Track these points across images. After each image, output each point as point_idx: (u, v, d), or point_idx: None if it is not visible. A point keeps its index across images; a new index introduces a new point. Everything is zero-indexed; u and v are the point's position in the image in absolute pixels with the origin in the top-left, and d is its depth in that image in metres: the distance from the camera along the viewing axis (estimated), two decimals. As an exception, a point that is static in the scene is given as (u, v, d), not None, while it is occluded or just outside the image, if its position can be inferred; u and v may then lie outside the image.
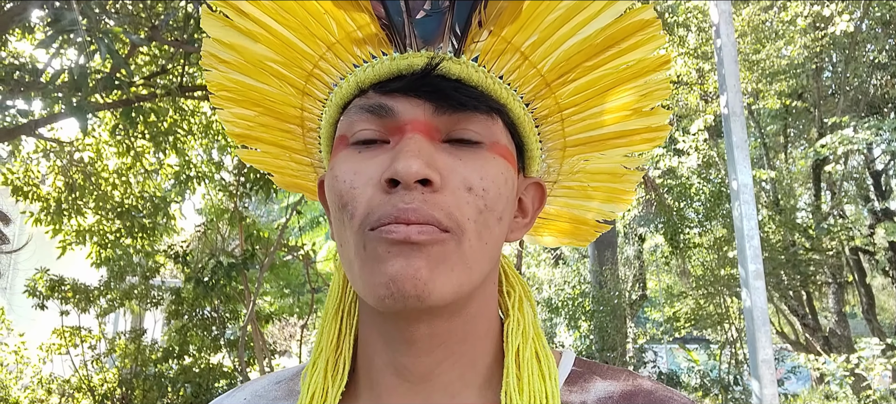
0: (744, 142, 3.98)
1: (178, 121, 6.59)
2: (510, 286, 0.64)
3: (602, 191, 0.71)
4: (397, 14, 0.56)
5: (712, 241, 8.81)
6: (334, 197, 0.55)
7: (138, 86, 5.76)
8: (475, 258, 0.53)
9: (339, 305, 0.64)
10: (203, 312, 7.80)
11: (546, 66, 0.59)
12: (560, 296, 9.36)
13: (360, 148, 0.56)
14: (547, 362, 0.59)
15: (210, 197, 7.82)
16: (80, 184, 6.70)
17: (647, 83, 0.62)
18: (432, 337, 0.56)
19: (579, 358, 0.64)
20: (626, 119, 0.64)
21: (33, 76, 4.99)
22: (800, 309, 10.05)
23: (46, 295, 7.16)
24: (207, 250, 7.67)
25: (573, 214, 0.74)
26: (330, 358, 0.61)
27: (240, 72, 0.64)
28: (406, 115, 0.54)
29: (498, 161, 0.56)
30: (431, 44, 0.57)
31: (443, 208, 0.51)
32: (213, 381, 7.52)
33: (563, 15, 0.57)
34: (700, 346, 11.87)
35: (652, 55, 0.61)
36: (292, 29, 0.59)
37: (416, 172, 0.50)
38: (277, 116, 0.66)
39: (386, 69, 0.56)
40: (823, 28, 8.03)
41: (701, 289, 9.13)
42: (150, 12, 4.98)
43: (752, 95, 8.93)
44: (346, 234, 0.54)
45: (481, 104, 0.55)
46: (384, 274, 0.50)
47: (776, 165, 10.38)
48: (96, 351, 7.77)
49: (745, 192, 3.92)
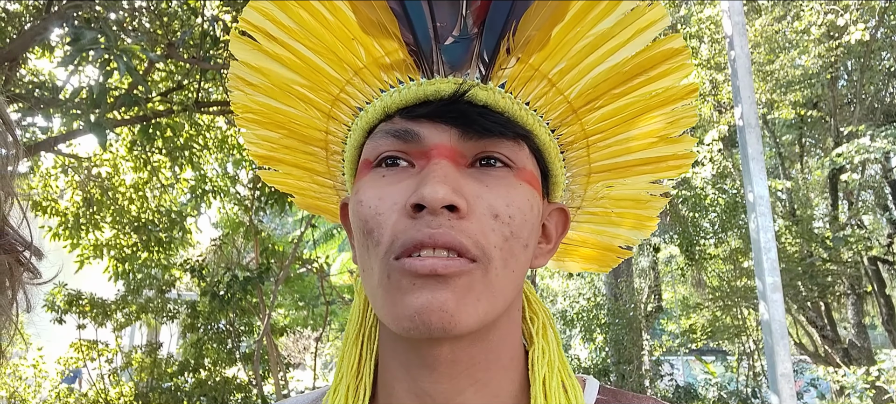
0: (759, 153, 3.95)
1: (194, 136, 6.65)
2: (533, 312, 0.64)
3: (626, 217, 0.70)
4: (426, 40, 0.56)
5: (728, 253, 8.73)
6: (359, 222, 0.55)
7: (155, 102, 5.83)
8: (501, 286, 0.53)
9: (359, 329, 0.64)
10: (218, 325, 7.84)
11: (573, 93, 0.59)
12: (575, 309, 9.31)
13: (384, 172, 0.55)
14: (574, 391, 0.58)
15: (225, 211, 7.88)
16: (98, 198, 6.78)
17: (675, 111, 0.62)
18: (455, 363, 0.55)
19: (603, 387, 0.64)
20: (652, 146, 0.64)
21: (53, 93, 5.07)
22: (818, 321, 9.92)
23: (64, 309, 7.24)
24: (223, 263, 7.73)
25: (597, 240, 0.73)
26: (351, 384, 0.61)
27: (266, 95, 0.64)
28: (432, 140, 0.54)
29: (524, 187, 0.55)
30: (459, 70, 0.57)
31: (469, 235, 0.51)
32: (229, 395, 7.54)
33: (591, 43, 0.57)
34: (717, 358, 11.75)
35: (679, 84, 0.60)
36: (320, 54, 0.60)
37: (442, 198, 0.49)
38: (302, 139, 0.67)
39: (413, 94, 0.56)
40: (838, 37, 7.97)
41: (717, 300, 9.04)
42: (166, 30, 5.04)
43: (767, 105, 8.87)
44: (371, 262, 0.54)
45: (508, 130, 0.55)
46: (410, 306, 0.50)
47: (792, 175, 10.29)
48: (113, 365, 7.83)
49: (761, 204, 3.89)
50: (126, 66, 3.44)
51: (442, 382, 0.56)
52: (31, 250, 0.56)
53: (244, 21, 0.61)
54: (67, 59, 3.81)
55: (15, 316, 0.55)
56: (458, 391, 0.56)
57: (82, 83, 5.20)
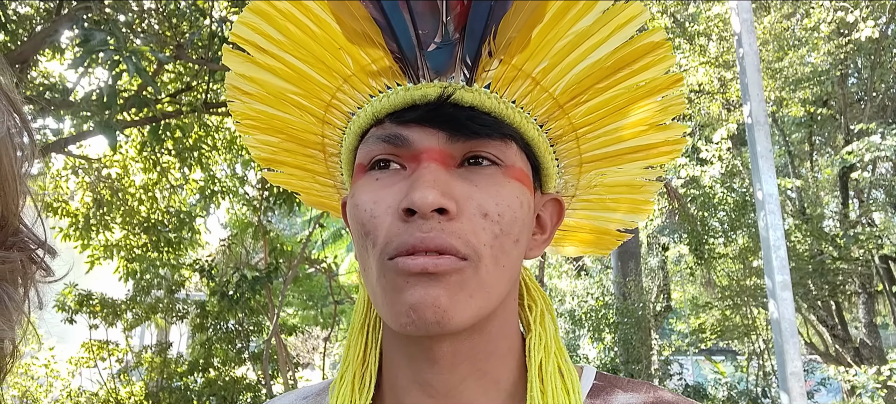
0: (768, 151, 3.94)
1: (203, 136, 6.70)
2: (532, 300, 0.65)
3: (622, 203, 0.72)
4: (409, 48, 0.57)
5: (737, 251, 8.69)
6: (356, 225, 0.57)
7: (164, 103, 5.87)
8: (492, 282, 0.55)
9: (364, 320, 0.66)
10: (227, 325, 7.89)
11: (558, 89, 0.60)
12: (583, 308, 9.29)
13: (377, 175, 0.57)
14: (570, 376, 0.60)
15: (234, 211, 7.93)
16: (108, 199, 6.84)
17: (664, 99, 0.63)
18: (455, 355, 0.57)
19: (600, 373, 0.65)
20: (643, 133, 0.65)
21: (63, 95, 5.11)
22: (829, 320, 9.86)
23: (75, 309, 7.30)
24: (232, 263, 7.76)
25: (593, 225, 0.75)
26: (357, 373, 0.63)
27: (262, 102, 0.66)
28: (421, 144, 0.56)
29: (513, 185, 0.57)
30: (444, 74, 0.58)
31: (459, 236, 0.53)
32: (238, 395, 7.57)
33: (571, 41, 0.58)
34: (727, 358, 11.68)
35: (664, 74, 0.61)
36: (309, 64, 0.62)
37: (432, 202, 0.51)
38: (300, 142, 0.69)
39: (400, 99, 0.57)
40: (848, 34, 7.91)
41: (727, 299, 9.00)
42: (175, 31, 5.08)
43: (776, 103, 8.82)
44: (369, 261, 0.56)
45: (495, 131, 0.57)
46: (404, 303, 0.52)
47: (802, 173, 10.23)
48: (123, 365, 7.88)
49: (770, 202, 3.87)
50: (135, 67, 3.47)
51: (443, 373, 0.58)
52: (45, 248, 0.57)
53: (235, 35, 0.63)
54: (77, 61, 3.85)
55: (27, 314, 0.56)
56: (459, 380, 0.58)
57: (92, 85, 5.24)
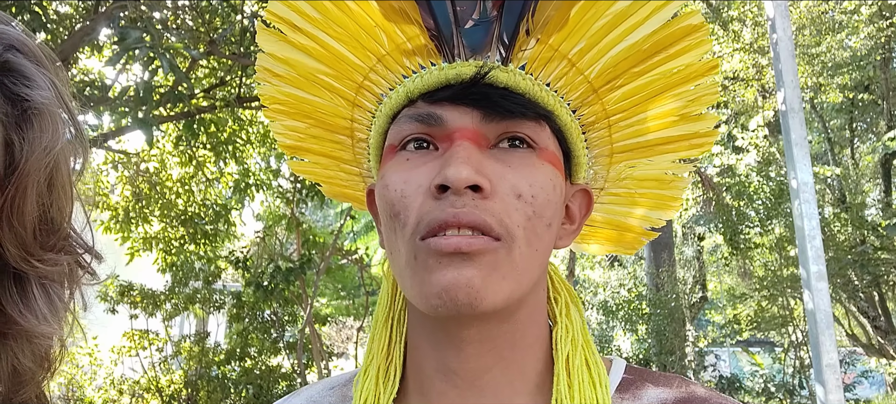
0: (803, 139, 3.85)
1: (237, 131, 6.81)
2: (556, 292, 0.64)
3: (649, 198, 0.70)
4: (446, 25, 0.57)
5: (774, 241, 8.51)
6: (385, 205, 0.56)
7: (199, 98, 5.98)
8: (525, 265, 0.54)
9: (388, 313, 0.65)
10: (263, 315, 8.03)
11: (593, 72, 0.60)
12: (616, 299, 9.21)
13: (408, 155, 0.57)
14: (597, 369, 0.59)
15: (268, 203, 8.06)
16: (147, 193, 7.01)
17: (696, 88, 0.62)
18: (482, 342, 0.56)
19: (630, 366, 0.64)
20: (674, 124, 0.64)
21: (102, 92, 5.25)
22: (871, 311, 9.60)
23: (117, 299, 7.51)
24: (266, 255, 7.90)
25: (619, 222, 0.74)
26: (381, 365, 0.62)
27: (292, 85, 0.66)
28: (455, 123, 0.55)
29: (546, 167, 0.56)
30: (479, 53, 0.57)
31: (493, 214, 0.52)
32: (274, 384, 7.71)
33: (610, 21, 0.57)
34: (764, 349, 11.47)
35: (700, 60, 0.60)
36: (344, 42, 0.61)
37: (466, 178, 0.50)
38: (328, 128, 0.68)
39: (435, 79, 0.57)
40: (890, 16, 7.67)
41: (763, 290, 8.83)
42: (208, 27, 5.17)
43: (813, 89, 8.59)
44: (398, 244, 0.55)
45: (529, 111, 0.56)
46: (437, 284, 0.51)
47: (842, 161, 9.96)
48: (163, 353, 8.09)
49: (805, 191, 3.79)
50: (169, 63, 3.55)
51: (469, 361, 0.57)
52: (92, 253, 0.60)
53: (270, 13, 0.62)
54: (115, 58, 3.95)
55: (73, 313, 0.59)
56: (485, 369, 0.57)
57: (129, 81, 5.37)
